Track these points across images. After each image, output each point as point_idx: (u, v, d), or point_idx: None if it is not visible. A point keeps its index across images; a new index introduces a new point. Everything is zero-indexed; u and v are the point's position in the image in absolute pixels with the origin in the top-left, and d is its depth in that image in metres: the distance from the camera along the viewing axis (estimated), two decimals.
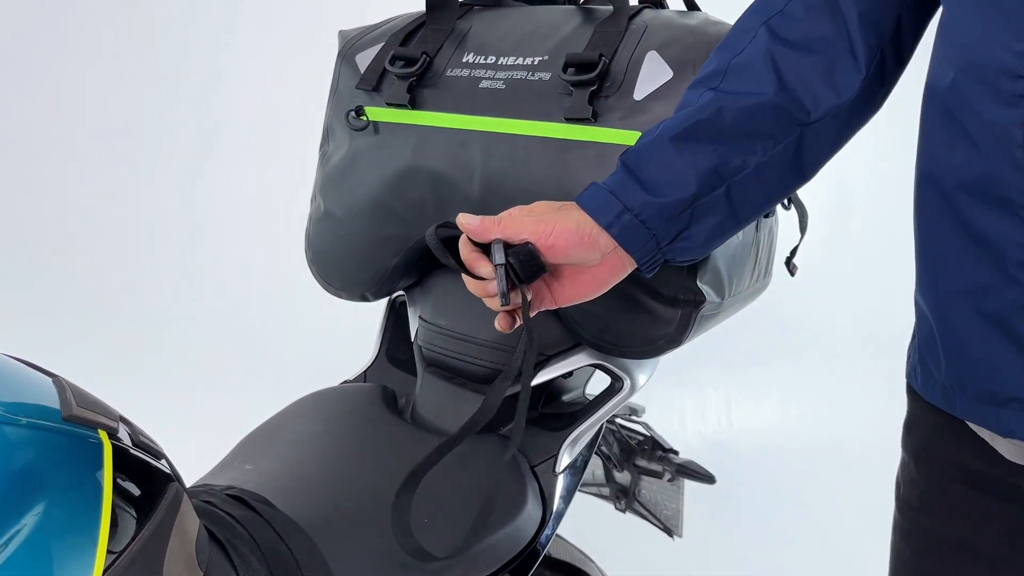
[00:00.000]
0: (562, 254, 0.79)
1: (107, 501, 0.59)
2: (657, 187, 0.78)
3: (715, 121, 0.78)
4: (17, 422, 0.57)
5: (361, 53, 1.11)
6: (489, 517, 0.92)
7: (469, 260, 0.82)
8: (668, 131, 0.79)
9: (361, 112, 1.07)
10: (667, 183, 0.78)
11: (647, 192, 0.78)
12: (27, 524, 0.54)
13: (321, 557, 0.81)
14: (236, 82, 3.12)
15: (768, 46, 0.78)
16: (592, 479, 1.29)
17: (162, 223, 3.10)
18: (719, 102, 0.78)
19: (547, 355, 1.03)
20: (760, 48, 0.78)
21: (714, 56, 0.82)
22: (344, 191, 1.11)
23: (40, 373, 0.65)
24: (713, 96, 0.79)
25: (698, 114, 0.79)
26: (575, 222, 0.79)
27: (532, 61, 0.98)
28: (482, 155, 0.98)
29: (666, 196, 0.78)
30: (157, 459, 0.68)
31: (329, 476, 0.95)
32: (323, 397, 1.10)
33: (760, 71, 0.77)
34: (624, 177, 0.80)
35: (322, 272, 1.18)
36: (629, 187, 0.79)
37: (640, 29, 0.95)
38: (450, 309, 1.08)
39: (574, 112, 0.92)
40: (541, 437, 1.03)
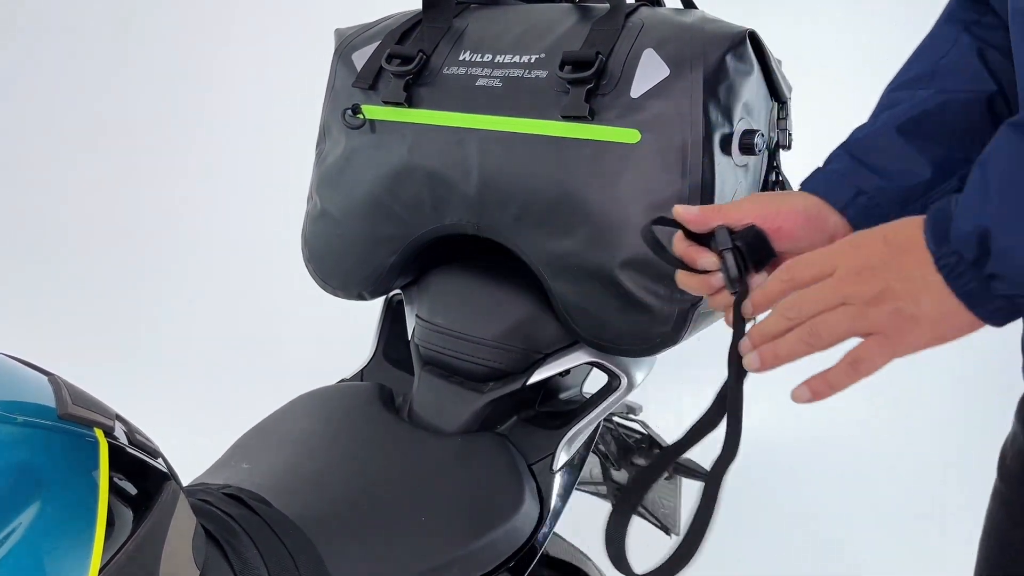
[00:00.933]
0: (789, 237, 0.75)
1: (103, 500, 0.59)
2: (889, 173, 0.78)
3: (941, 114, 0.79)
4: (13, 420, 0.57)
5: (357, 51, 1.11)
6: (487, 515, 0.92)
7: (687, 254, 0.77)
8: (892, 121, 0.80)
9: (357, 110, 1.07)
10: (899, 171, 0.78)
11: (880, 177, 0.78)
12: (23, 523, 0.54)
13: (318, 556, 0.81)
14: (232, 81, 3.12)
15: (978, 47, 0.80)
16: (590, 477, 1.29)
17: (157, 221, 3.10)
18: (941, 97, 0.79)
19: (544, 353, 1.03)
20: (968, 50, 0.80)
21: (912, 63, 0.84)
22: (340, 190, 1.11)
23: (35, 371, 0.65)
24: (933, 93, 0.80)
25: (923, 105, 0.79)
26: (802, 204, 0.77)
27: (529, 59, 0.98)
28: (479, 153, 0.98)
29: (900, 182, 0.78)
30: (153, 458, 0.68)
31: (326, 475, 0.95)
32: (320, 396, 1.10)
33: (977, 70, 0.79)
34: (852, 163, 0.80)
35: (319, 271, 1.18)
36: (860, 172, 0.79)
37: (637, 27, 0.95)
38: (447, 307, 1.08)
39: (571, 110, 0.92)
40: (538, 435, 1.03)
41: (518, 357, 1.03)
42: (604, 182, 0.91)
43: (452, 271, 1.11)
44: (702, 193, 0.90)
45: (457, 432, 1.02)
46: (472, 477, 0.96)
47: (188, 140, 3.15)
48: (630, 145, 0.90)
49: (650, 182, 0.90)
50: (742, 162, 0.96)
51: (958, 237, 0.60)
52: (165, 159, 3.15)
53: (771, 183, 1.04)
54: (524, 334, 1.03)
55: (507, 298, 1.04)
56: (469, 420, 1.03)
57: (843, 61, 2.63)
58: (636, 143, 0.90)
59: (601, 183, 0.91)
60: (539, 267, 0.98)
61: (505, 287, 1.05)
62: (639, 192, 0.91)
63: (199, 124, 3.13)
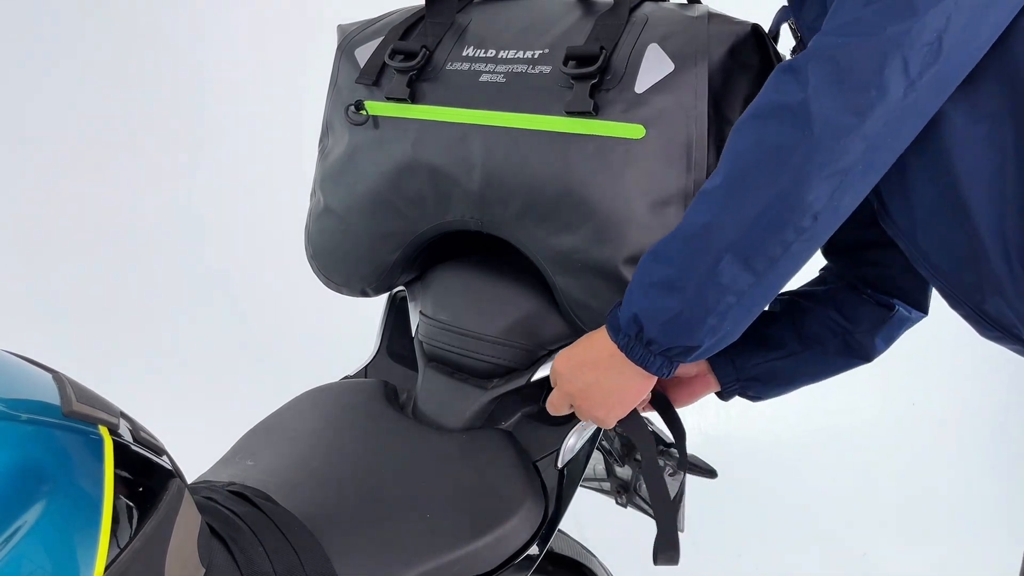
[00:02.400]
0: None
1: (108, 497, 0.59)
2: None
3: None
4: (17, 418, 0.57)
5: (360, 47, 1.11)
6: (491, 512, 0.92)
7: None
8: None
9: (361, 106, 1.07)
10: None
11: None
12: (28, 520, 0.54)
13: (323, 552, 0.81)
14: (235, 78, 3.11)
15: None
16: (593, 474, 1.29)
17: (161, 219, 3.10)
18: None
19: (549, 350, 1.03)
20: None
21: None
22: (343, 186, 1.11)
23: (40, 369, 0.65)
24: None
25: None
26: None
27: (532, 54, 0.98)
28: (482, 149, 0.98)
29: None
30: (158, 455, 0.68)
31: (330, 471, 0.95)
32: (324, 393, 1.10)
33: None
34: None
35: (322, 268, 1.17)
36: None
37: (641, 21, 0.95)
38: (451, 304, 1.08)
39: (575, 105, 0.92)
40: (542, 432, 1.03)
41: (522, 353, 1.02)
42: (608, 178, 0.91)
43: (455, 267, 1.10)
44: None
45: (461, 428, 1.02)
46: (476, 473, 0.96)
47: (191, 137, 3.15)
48: (634, 140, 0.90)
49: (655, 177, 0.90)
50: None
51: (624, 323, 0.84)
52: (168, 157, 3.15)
53: None
54: (528, 330, 1.02)
55: (511, 294, 1.04)
56: (473, 416, 1.03)
57: None
58: (641, 138, 0.90)
59: (605, 179, 0.91)
60: (543, 263, 0.98)
61: (509, 283, 1.05)
62: (644, 188, 0.90)
63: (202, 121, 3.13)
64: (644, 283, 0.83)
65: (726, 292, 0.78)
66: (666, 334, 0.82)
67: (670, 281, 0.80)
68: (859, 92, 0.72)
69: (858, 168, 0.74)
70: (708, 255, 0.78)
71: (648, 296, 0.82)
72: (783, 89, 0.75)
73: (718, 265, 0.77)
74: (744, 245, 0.77)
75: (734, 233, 0.77)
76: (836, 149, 0.72)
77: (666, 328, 0.82)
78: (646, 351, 0.84)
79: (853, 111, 0.72)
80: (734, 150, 0.79)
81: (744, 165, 0.77)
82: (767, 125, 0.76)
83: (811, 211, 0.74)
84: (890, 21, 0.71)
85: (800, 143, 0.73)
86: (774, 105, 0.76)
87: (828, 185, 0.74)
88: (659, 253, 0.83)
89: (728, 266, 0.77)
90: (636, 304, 0.83)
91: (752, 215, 0.76)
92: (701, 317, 0.80)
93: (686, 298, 0.80)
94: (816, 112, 0.72)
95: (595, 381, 0.90)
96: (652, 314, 0.82)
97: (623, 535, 1.55)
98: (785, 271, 0.79)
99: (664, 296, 0.81)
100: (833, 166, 0.73)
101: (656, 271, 0.82)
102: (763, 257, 0.77)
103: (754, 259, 0.77)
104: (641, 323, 0.83)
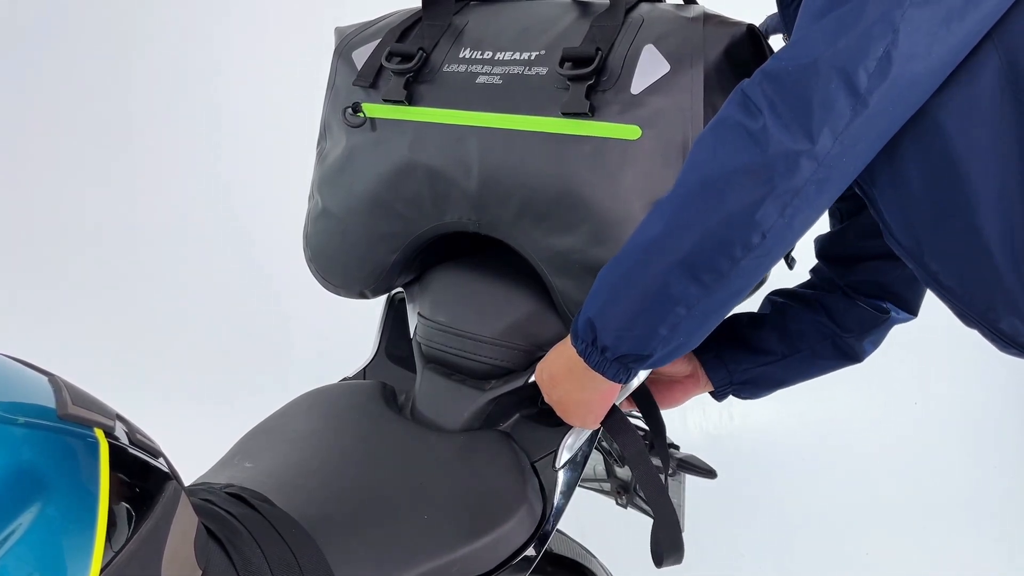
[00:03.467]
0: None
1: (104, 500, 0.59)
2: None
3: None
4: (13, 421, 0.57)
5: (358, 50, 1.11)
6: (489, 513, 0.92)
7: None
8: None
9: (358, 109, 1.07)
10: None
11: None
12: (23, 523, 0.54)
13: (321, 554, 0.81)
14: (232, 80, 3.12)
15: None
16: (593, 475, 1.29)
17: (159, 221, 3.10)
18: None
19: (546, 350, 1.03)
20: None
21: None
22: (341, 188, 1.11)
23: (36, 372, 0.65)
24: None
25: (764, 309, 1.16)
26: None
27: (529, 56, 0.98)
28: (479, 150, 0.98)
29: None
30: (155, 457, 0.68)
31: (329, 473, 0.95)
32: (322, 394, 1.10)
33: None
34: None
35: (321, 270, 1.18)
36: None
37: (637, 23, 0.95)
38: (449, 305, 1.08)
39: (571, 107, 0.92)
40: (541, 432, 1.03)
41: (520, 354, 1.02)
42: (605, 178, 0.91)
43: (453, 269, 1.11)
44: None
45: (459, 430, 1.02)
46: (475, 475, 0.96)
47: (190, 140, 3.15)
48: (631, 141, 0.90)
49: (651, 178, 0.90)
50: None
51: (580, 329, 0.86)
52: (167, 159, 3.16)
53: None
54: (526, 331, 1.02)
55: (509, 295, 1.04)
56: (471, 418, 1.03)
57: None
58: (637, 139, 0.90)
59: (602, 179, 0.91)
60: (540, 264, 0.98)
61: (507, 284, 1.05)
62: (640, 188, 0.91)
63: (200, 124, 3.13)
64: (600, 289, 0.84)
65: (676, 304, 0.79)
66: (618, 341, 0.83)
67: (622, 289, 0.81)
68: (806, 114, 0.71)
69: (810, 188, 0.73)
70: (658, 266, 0.79)
71: (602, 303, 0.83)
72: (741, 107, 0.75)
73: (667, 277, 0.78)
74: (693, 259, 0.77)
75: (684, 246, 0.77)
76: (785, 170, 0.72)
77: (618, 336, 0.83)
78: (601, 357, 0.85)
79: (803, 132, 0.72)
80: (691, 162, 0.79)
81: (697, 179, 0.77)
82: (723, 141, 0.76)
83: (760, 229, 0.74)
84: (835, 37, 0.71)
85: (750, 163, 0.73)
86: (731, 123, 0.76)
87: (777, 204, 0.73)
88: (617, 260, 0.83)
89: (677, 279, 0.78)
90: (591, 309, 0.84)
91: (701, 230, 0.76)
92: (652, 327, 0.81)
93: (637, 307, 0.81)
94: (769, 134, 0.73)
95: (566, 391, 0.92)
96: (605, 321, 0.83)
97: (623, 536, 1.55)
98: (738, 286, 0.79)
99: (616, 303, 0.82)
100: (783, 186, 0.73)
101: (611, 278, 0.83)
102: (711, 272, 0.77)
103: (702, 273, 0.77)
104: (595, 329, 0.84)
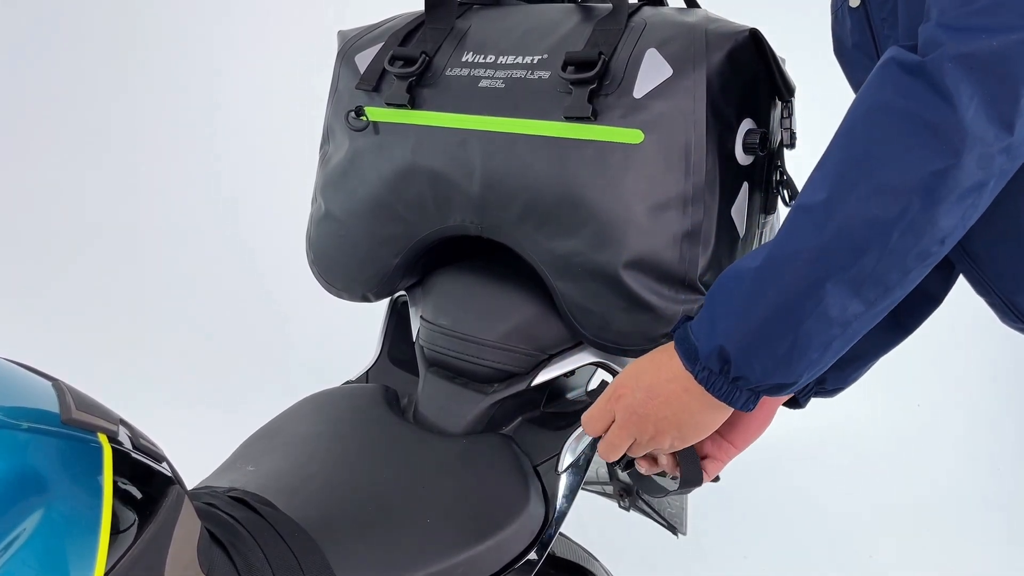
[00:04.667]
0: None
1: (107, 504, 0.59)
2: None
3: None
4: (17, 426, 0.57)
5: (360, 53, 1.12)
6: (492, 517, 0.92)
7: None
8: None
9: (361, 112, 1.07)
10: None
11: None
12: (27, 528, 0.54)
13: (323, 558, 0.81)
14: (236, 84, 3.12)
15: None
16: (596, 478, 1.29)
17: (162, 225, 3.11)
18: None
19: (548, 354, 1.03)
20: None
21: None
22: (344, 191, 1.11)
23: (40, 377, 0.65)
24: None
25: None
26: None
27: (531, 60, 0.98)
28: (481, 154, 0.98)
29: None
30: (158, 462, 0.68)
31: (331, 477, 0.95)
32: (325, 398, 1.10)
33: None
34: None
35: (323, 273, 1.18)
36: None
37: (639, 27, 0.95)
38: (451, 309, 1.08)
39: (574, 111, 0.92)
40: (543, 436, 1.03)
41: (522, 358, 1.03)
42: (607, 182, 0.91)
43: (456, 272, 1.11)
44: (706, 193, 0.90)
45: (462, 433, 1.02)
46: (477, 478, 0.96)
47: (193, 143, 3.16)
48: (633, 145, 0.90)
49: (653, 182, 0.90)
50: (746, 161, 0.96)
51: (705, 355, 0.74)
52: (170, 163, 3.16)
53: (775, 182, 1.03)
54: (528, 335, 1.03)
55: (511, 299, 1.04)
56: (474, 421, 1.03)
57: None
58: (639, 143, 0.90)
59: (604, 183, 0.91)
60: (543, 267, 0.98)
61: (509, 288, 1.05)
62: (642, 192, 0.91)
63: (204, 127, 3.14)
64: (731, 311, 0.72)
65: (832, 324, 0.69)
66: (759, 372, 0.72)
67: (766, 312, 0.70)
68: (1011, 101, 0.61)
69: (991, 183, 0.64)
70: (811, 282, 0.68)
71: (736, 327, 0.72)
72: (917, 97, 0.63)
73: (824, 294, 0.67)
74: (857, 272, 0.66)
75: (844, 259, 0.66)
76: (977, 168, 0.62)
77: (760, 365, 0.72)
78: (732, 386, 0.75)
79: (1002, 123, 0.61)
80: (843, 160, 0.67)
81: (858, 180, 0.66)
82: (897, 139, 0.64)
83: (940, 236, 0.65)
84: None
85: (942, 166, 0.62)
86: (905, 115, 0.64)
87: (962, 207, 0.64)
88: (747, 277, 0.72)
89: (836, 296, 0.67)
90: (721, 335, 0.73)
91: (868, 239, 0.65)
92: (802, 352, 0.70)
93: (783, 331, 0.70)
94: (965, 127, 0.61)
95: (668, 414, 0.80)
96: (743, 349, 0.72)
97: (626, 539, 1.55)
98: (896, 299, 0.70)
99: (758, 329, 0.71)
100: (969, 185, 0.63)
101: (746, 299, 0.71)
102: (878, 286, 0.67)
103: (867, 287, 0.67)
104: (728, 357, 0.73)
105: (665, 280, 0.92)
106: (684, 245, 0.91)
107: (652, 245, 0.91)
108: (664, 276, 0.92)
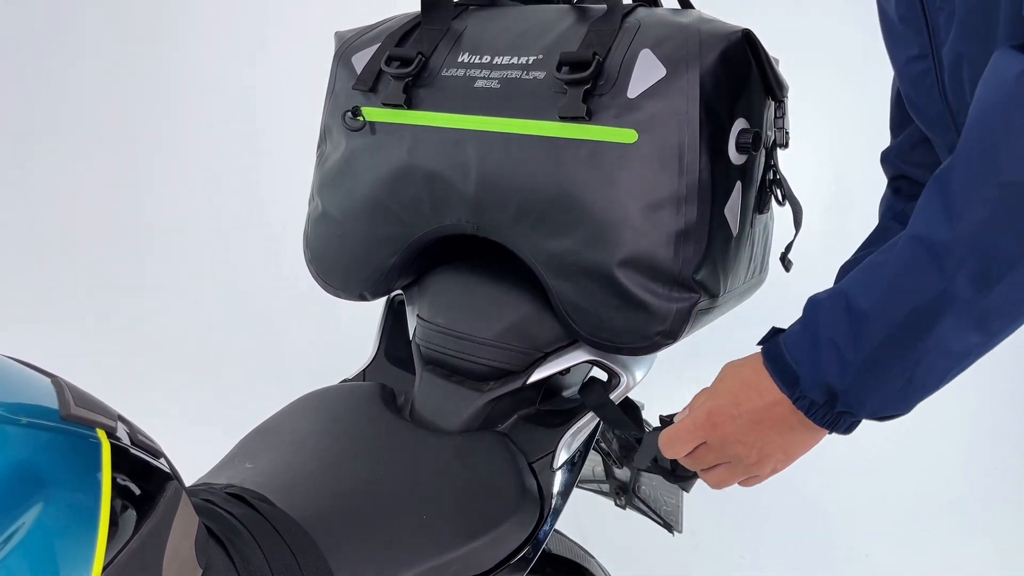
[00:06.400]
0: None
1: (105, 500, 0.60)
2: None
3: None
4: (16, 422, 0.58)
5: (357, 54, 1.12)
6: (488, 513, 0.92)
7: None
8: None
9: (358, 113, 1.08)
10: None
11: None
12: (25, 523, 0.55)
13: (320, 555, 0.82)
14: (234, 84, 3.13)
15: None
16: (592, 475, 1.30)
17: (161, 223, 3.11)
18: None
19: (544, 352, 1.04)
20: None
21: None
22: (341, 191, 1.12)
23: (38, 373, 0.65)
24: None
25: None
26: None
27: (526, 60, 0.99)
28: (477, 154, 0.99)
29: None
30: (156, 458, 0.68)
31: (329, 474, 0.95)
32: (322, 396, 1.11)
33: None
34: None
35: (320, 272, 1.18)
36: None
37: (634, 27, 0.96)
38: (448, 307, 1.08)
39: (568, 111, 0.92)
40: (539, 433, 1.04)
41: (518, 356, 1.03)
42: (602, 182, 0.92)
43: (452, 271, 1.11)
44: (699, 192, 0.91)
45: (458, 431, 1.03)
46: (473, 475, 0.97)
47: (190, 143, 3.16)
48: (627, 145, 0.91)
49: (647, 181, 0.91)
50: (739, 161, 0.96)
51: (809, 387, 0.72)
52: (167, 163, 3.17)
53: (768, 182, 1.04)
54: (524, 333, 1.03)
55: (507, 298, 1.05)
56: (470, 419, 1.03)
57: (841, 60, 2.63)
58: (633, 143, 0.91)
59: (599, 183, 0.92)
60: (538, 266, 0.99)
61: (505, 287, 1.06)
62: (636, 191, 0.91)
63: (201, 127, 3.14)
64: (839, 346, 0.69)
65: (952, 357, 0.66)
66: (870, 407, 0.70)
67: (881, 353, 0.67)
68: None
69: None
70: (933, 321, 0.64)
71: (847, 365, 0.69)
72: None
73: (946, 331, 0.64)
74: (985, 307, 0.62)
75: (971, 294, 0.62)
76: None
77: (872, 402, 0.70)
78: (835, 416, 0.73)
79: None
80: (968, 188, 0.61)
81: (988, 213, 0.60)
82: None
83: None
84: None
85: None
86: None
87: None
88: (860, 312, 0.68)
89: (958, 331, 0.63)
90: (828, 371, 0.70)
91: (1000, 275, 0.61)
92: (919, 388, 0.68)
93: (903, 372, 0.67)
94: None
95: (775, 439, 0.77)
96: (854, 388, 0.69)
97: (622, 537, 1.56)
98: (1020, 325, 0.65)
99: (871, 368, 0.68)
100: None
101: (858, 336, 0.68)
102: (1004, 316, 0.63)
103: (992, 319, 0.63)
104: (836, 392, 0.71)
105: (659, 278, 0.93)
106: (678, 244, 0.91)
107: (646, 244, 0.91)
108: (658, 275, 0.92)
